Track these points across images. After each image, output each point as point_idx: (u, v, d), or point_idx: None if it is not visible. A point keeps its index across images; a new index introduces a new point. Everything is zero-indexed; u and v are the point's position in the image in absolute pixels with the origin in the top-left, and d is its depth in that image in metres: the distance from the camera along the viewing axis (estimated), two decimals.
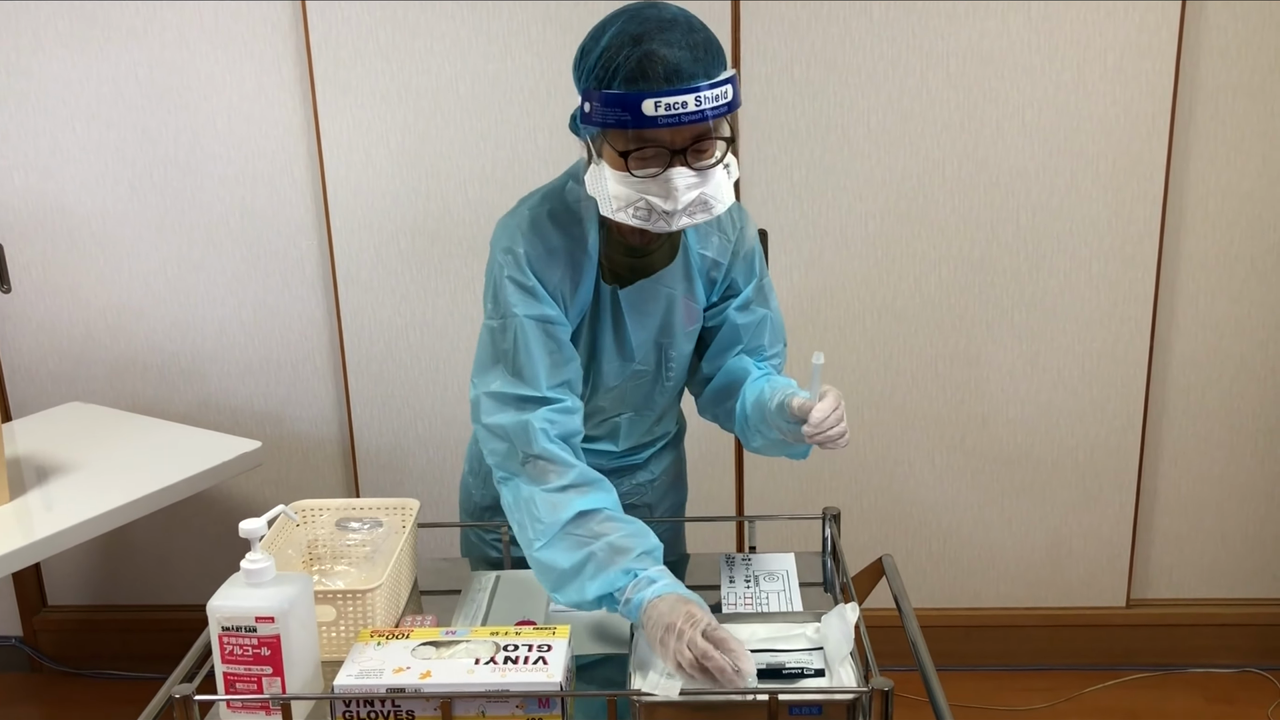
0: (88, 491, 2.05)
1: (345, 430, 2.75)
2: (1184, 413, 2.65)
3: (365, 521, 1.54)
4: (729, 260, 1.59)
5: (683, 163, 1.33)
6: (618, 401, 1.62)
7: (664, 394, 1.64)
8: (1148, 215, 2.50)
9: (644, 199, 1.35)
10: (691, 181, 1.34)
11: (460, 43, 2.46)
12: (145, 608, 2.93)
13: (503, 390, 1.45)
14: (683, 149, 1.33)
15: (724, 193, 1.39)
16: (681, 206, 1.35)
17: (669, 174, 1.33)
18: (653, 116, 1.29)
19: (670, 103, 1.28)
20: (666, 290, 1.54)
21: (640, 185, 1.35)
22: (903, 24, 2.41)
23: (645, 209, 1.36)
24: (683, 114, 1.29)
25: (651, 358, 1.58)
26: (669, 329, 1.56)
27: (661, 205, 1.35)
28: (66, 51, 2.54)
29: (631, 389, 1.61)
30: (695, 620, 1.26)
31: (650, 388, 1.62)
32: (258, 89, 2.54)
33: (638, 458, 1.72)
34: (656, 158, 1.33)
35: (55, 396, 2.74)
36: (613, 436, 1.66)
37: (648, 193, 1.35)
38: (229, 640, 1.22)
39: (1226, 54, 2.42)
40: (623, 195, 1.36)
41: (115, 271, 2.68)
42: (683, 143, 1.33)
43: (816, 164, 2.50)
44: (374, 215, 2.58)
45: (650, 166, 1.34)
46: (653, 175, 1.34)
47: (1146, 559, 2.77)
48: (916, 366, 2.62)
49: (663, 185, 1.34)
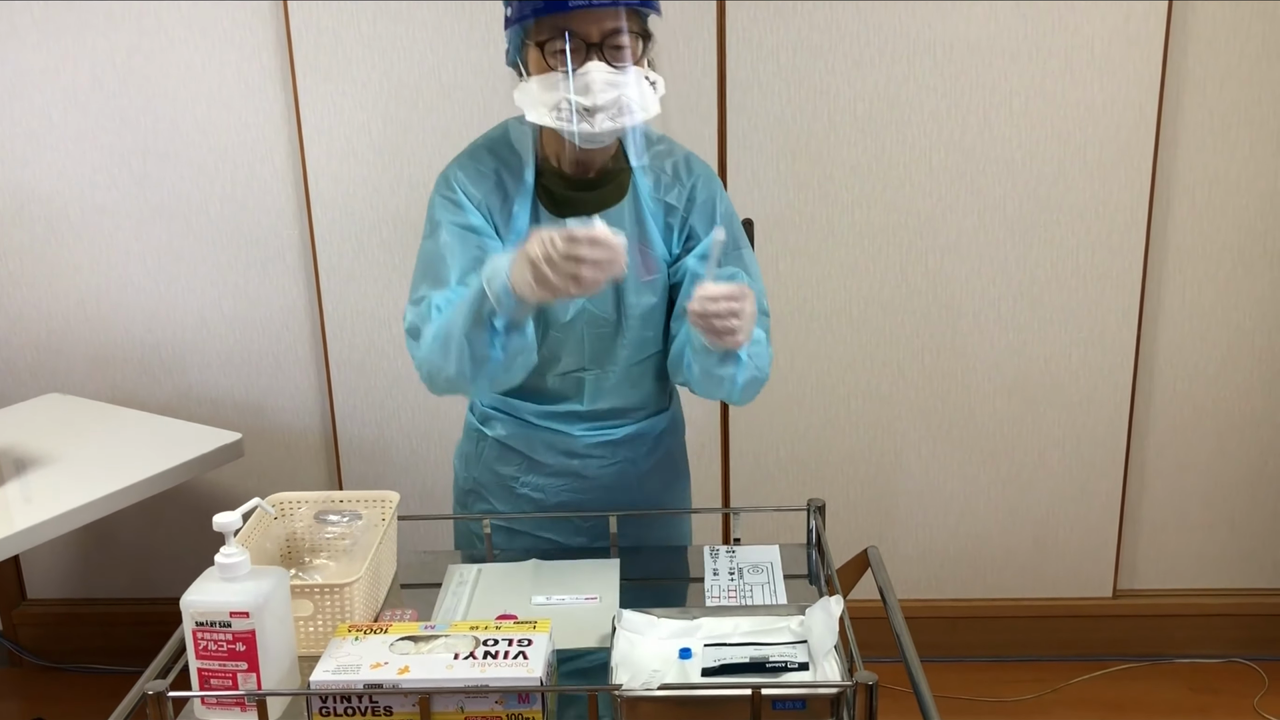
0: (67, 483, 2.03)
1: (327, 422, 2.73)
2: (1170, 402, 2.65)
3: (344, 514, 1.52)
4: (685, 207, 1.60)
5: (600, 57, 1.40)
6: (577, 351, 1.60)
7: (626, 347, 1.61)
8: (1135, 204, 2.49)
9: (565, 99, 1.40)
10: (609, 78, 1.40)
11: (442, 30, 2.43)
12: (126, 601, 2.91)
13: (425, 295, 1.50)
14: (599, 43, 1.39)
15: (645, 98, 1.43)
16: (600, 103, 1.39)
17: (586, 68, 1.39)
18: (567, 0, 1.36)
19: None
20: (615, 230, 1.53)
21: (563, 84, 1.39)
22: (889, 11, 2.39)
23: (568, 109, 1.40)
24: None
25: (610, 305, 1.58)
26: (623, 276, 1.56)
27: (582, 101, 1.39)
28: (42, 38, 2.50)
29: (591, 339, 1.60)
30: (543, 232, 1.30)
31: (611, 340, 1.60)
32: (238, 76, 2.51)
33: (613, 430, 1.69)
34: (574, 52, 1.39)
35: (34, 388, 2.71)
36: (577, 393, 1.65)
37: (569, 91, 1.39)
38: (203, 636, 1.20)
39: (1214, 43, 2.41)
40: (546, 99, 1.41)
41: (94, 261, 2.65)
42: (599, 35, 1.39)
43: (802, 152, 2.48)
44: (356, 204, 2.55)
45: (569, 60, 1.39)
46: (571, 70, 1.39)
47: (1133, 550, 2.76)
48: (902, 357, 2.61)
49: (581, 81, 1.39)
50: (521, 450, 1.70)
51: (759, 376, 1.54)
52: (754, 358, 1.51)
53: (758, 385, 1.56)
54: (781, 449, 2.68)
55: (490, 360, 1.41)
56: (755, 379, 1.53)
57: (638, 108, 1.43)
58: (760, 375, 1.54)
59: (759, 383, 1.56)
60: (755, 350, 1.51)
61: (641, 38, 1.45)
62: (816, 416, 2.66)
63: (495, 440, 1.72)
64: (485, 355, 1.41)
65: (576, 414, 1.66)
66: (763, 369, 1.54)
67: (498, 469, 1.73)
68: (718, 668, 1.26)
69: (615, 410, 1.68)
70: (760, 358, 1.54)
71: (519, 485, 1.72)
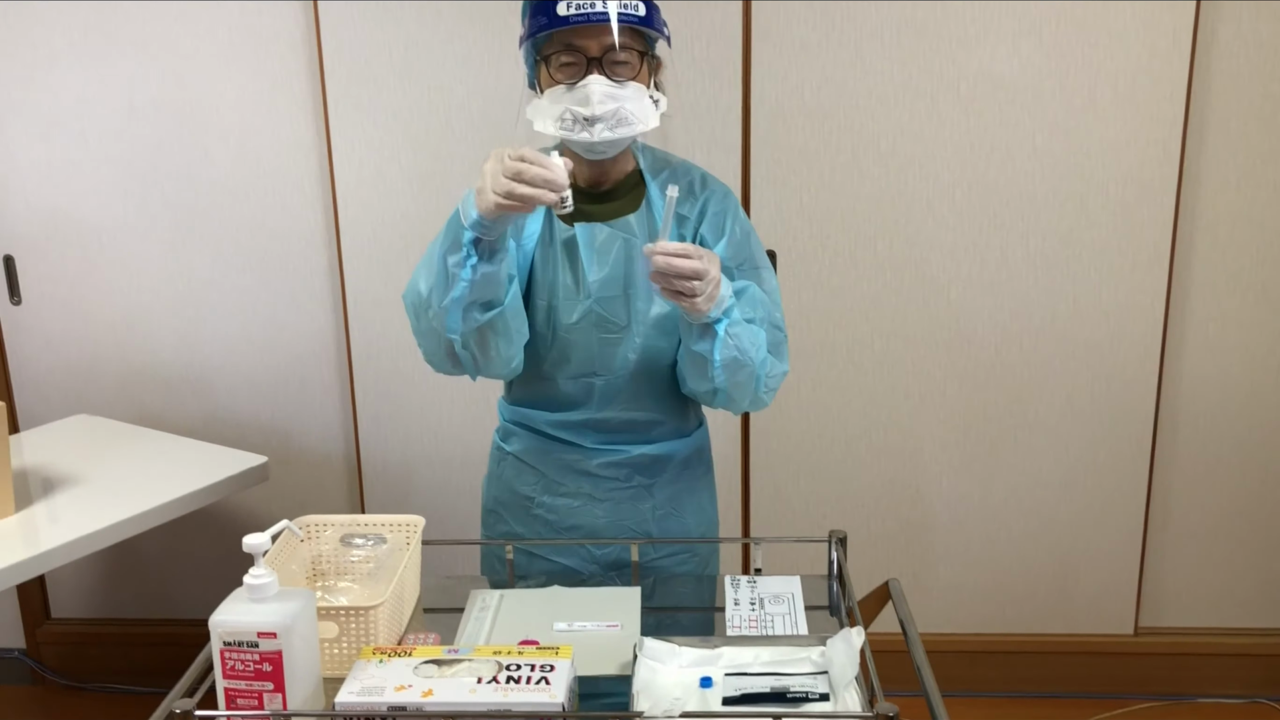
0: (93, 504, 2.05)
1: (351, 446, 2.75)
2: (1193, 438, 2.64)
3: (369, 538, 1.54)
4: (697, 219, 1.64)
5: (599, 70, 1.48)
6: (586, 354, 1.63)
7: (635, 353, 1.64)
8: (1158, 240, 2.50)
9: (568, 109, 1.49)
10: (608, 91, 1.48)
11: (472, 62, 2.47)
12: (149, 621, 2.93)
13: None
14: (599, 57, 1.48)
15: (645, 111, 1.51)
16: (600, 114, 1.47)
17: (586, 80, 1.48)
18: (564, 16, 1.46)
19: (579, 3, 1.46)
20: (625, 237, 1.61)
21: (566, 97, 1.49)
22: (914, 48, 2.42)
23: (570, 119, 1.49)
24: (590, 13, 1.45)
25: (620, 309, 1.62)
26: (631, 279, 1.61)
27: (581, 111, 1.48)
28: (80, 65, 2.55)
29: (600, 342, 1.63)
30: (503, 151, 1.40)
31: (619, 345, 1.63)
32: (270, 104, 2.55)
33: (626, 447, 1.70)
34: (576, 65, 1.49)
35: (63, 409, 2.74)
36: (587, 399, 1.67)
37: (571, 103, 1.49)
38: (230, 655, 1.22)
39: (1237, 80, 2.42)
40: (552, 110, 1.51)
41: (125, 284, 2.69)
42: (598, 50, 1.48)
43: (826, 185, 2.50)
44: (384, 231, 2.58)
45: (572, 75, 1.49)
46: (573, 82, 1.48)
47: (1155, 586, 2.75)
48: (925, 389, 2.62)
49: (581, 93, 1.48)
50: (537, 467, 1.73)
51: (741, 359, 1.53)
52: (734, 337, 1.51)
53: (744, 372, 1.55)
54: (803, 480, 2.69)
55: (459, 282, 1.47)
56: (737, 360, 1.53)
57: (636, 120, 1.50)
58: (744, 359, 1.53)
59: (745, 370, 1.55)
60: (736, 330, 1.52)
61: (644, 56, 1.53)
62: (838, 448, 2.67)
63: (514, 457, 1.75)
64: (455, 276, 1.48)
65: (588, 423, 1.68)
66: (746, 352, 1.53)
67: (516, 488, 1.75)
68: (739, 697, 1.27)
69: (628, 423, 1.69)
70: (747, 347, 1.53)
71: (534, 506, 1.74)
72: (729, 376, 1.55)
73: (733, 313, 1.51)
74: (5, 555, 1.84)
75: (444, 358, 1.59)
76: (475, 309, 1.50)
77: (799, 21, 2.42)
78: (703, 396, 1.64)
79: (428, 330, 1.57)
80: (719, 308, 1.48)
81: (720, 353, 1.52)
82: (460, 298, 1.49)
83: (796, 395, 2.63)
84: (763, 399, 1.63)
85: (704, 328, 1.51)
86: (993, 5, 2.38)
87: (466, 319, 1.51)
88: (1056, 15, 2.38)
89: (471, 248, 1.46)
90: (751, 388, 1.59)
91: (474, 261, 1.47)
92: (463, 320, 1.51)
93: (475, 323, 1.51)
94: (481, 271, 1.47)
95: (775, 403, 2.59)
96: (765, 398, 1.63)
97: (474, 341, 1.54)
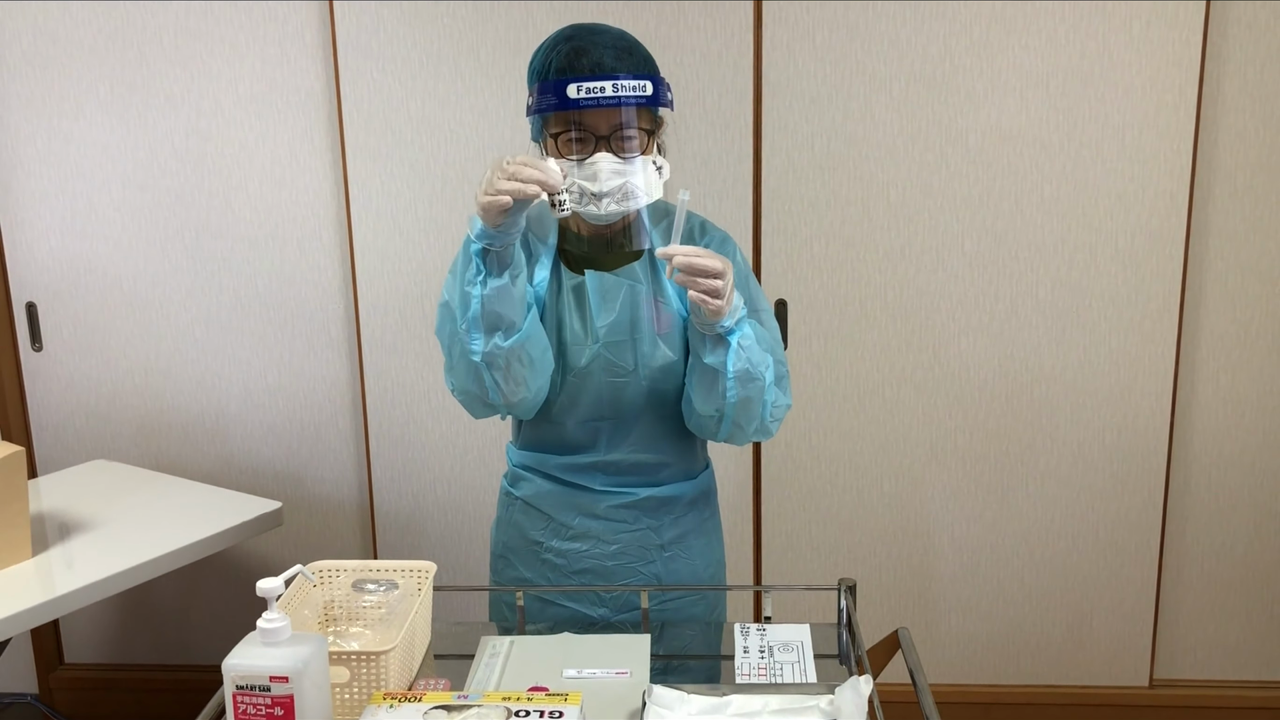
0: (109, 549, 2.07)
1: (365, 493, 2.77)
2: (1206, 490, 2.63)
3: (381, 584, 1.55)
4: None
5: (607, 149, 1.51)
6: (594, 399, 1.66)
7: (642, 398, 1.66)
8: (1167, 292, 2.51)
9: (576, 183, 1.51)
10: (615, 168, 1.51)
11: (488, 114, 2.51)
12: (161, 668, 2.93)
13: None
14: (607, 136, 1.51)
15: (650, 183, 1.54)
16: (607, 190, 1.50)
17: (595, 158, 1.51)
18: (575, 99, 1.48)
19: (590, 87, 1.48)
20: (630, 283, 1.65)
21: (574, 171, 1.51)
22: (923, 100, 2.45)
23: (578, 192, 1.51)
24: (600, 98, 1.48)
25: (628, 355, 1.64)
26: (638, 324, 1.64)
27: (590, 187, 1.51)
28: (106, 117, 2.61)
29: (608, 387, 1.65)
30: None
31: (626, 390, 1.65)
32: (290, 156, 2.60)
33: (634, 490, 1.71)
34: (584, 142, 1.51)
35: (81, 454, 2.77)
36: (594, 442, 1.69)
37: (580, 177, 1.51)
38: (243, 699, 1.23)
39: (1244, 133, 2.44)
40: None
41: (144, 332, 2.73)
42: (607, 129, 1.51)
43: (836, 236, 2.53)
44: (400, 280, 2.62)
45: (580, 151, 1.52)
46: (582, 158, 1.51)
47: (1170, 639, 2.73)
48: (935, 438, 2.62)
49: (589, 170, 1.51)
50: (546, 511, 1.74)
51: (752, 373, 1.55)
52: (746, 350, 1.54)
53: (753, 387, 1.56)
54: (814, 528, 2.69)
55: (473, 300, 1.51)
56: (749, 374, 1.55)
57: (642, 194, 1.53)
58: (755, 373, 1.55)
59: (755, 385, 1.56)
60: (748, 344, 1.54)
61: (648, 130, 1.55)
62: (849, 497, 2.67)
63: (522, 501, 1.77)
64: (469, 295, 1.51)
65: (597, 465, 1.70)
66: (756, 366, 1.55)
67: (525, 532, 1.77)
68: None
69: (636, 465, 1.71)
70: (757, 361, 1.56)
71: (543, 551, 1.75)
72: (740, 390, 1.56)
73: (744, 326, 1.55)
74: (22, 599, 1.85)
75: (476, 396, 1.61)
76: (497, 335, 1.53)
77: (809, 75, 2.46)
78: (708, 425, 1.64)
79: (459, 362, 1.59)
80: (733, 316, 1.52)
81: (734, 364, 1.54)
82: (477, 315, 1.52)
83: (807, 443, 2.64)
84: (769, 428, 1.64)
85: (717, 339, 1.53)
86: (1000, 59, 2.42)
87: (489, 343, 1.53)
88: (1064, 70, 2.41)
89: (480, 261, 1.50)
90: (758, 412, 1.60)
91: (484, 275, 1.50)
92: (485, 342, 1.54)
93: (499, 350, 1.53)
94: (493, 285, 1.50)
95: (786, 450, 2.62)
96: (771, 427, 1.65)
97: (500, 369, 1.56)
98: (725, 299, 1.49)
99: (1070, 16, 2.40)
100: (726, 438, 1.65)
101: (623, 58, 1.52)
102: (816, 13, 2.43)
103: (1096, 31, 2.40)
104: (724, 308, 1.49)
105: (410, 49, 2.49)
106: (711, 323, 1.52)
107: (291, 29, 2.53)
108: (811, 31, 2.44)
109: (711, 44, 2.45)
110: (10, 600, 1.85)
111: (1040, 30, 2.41)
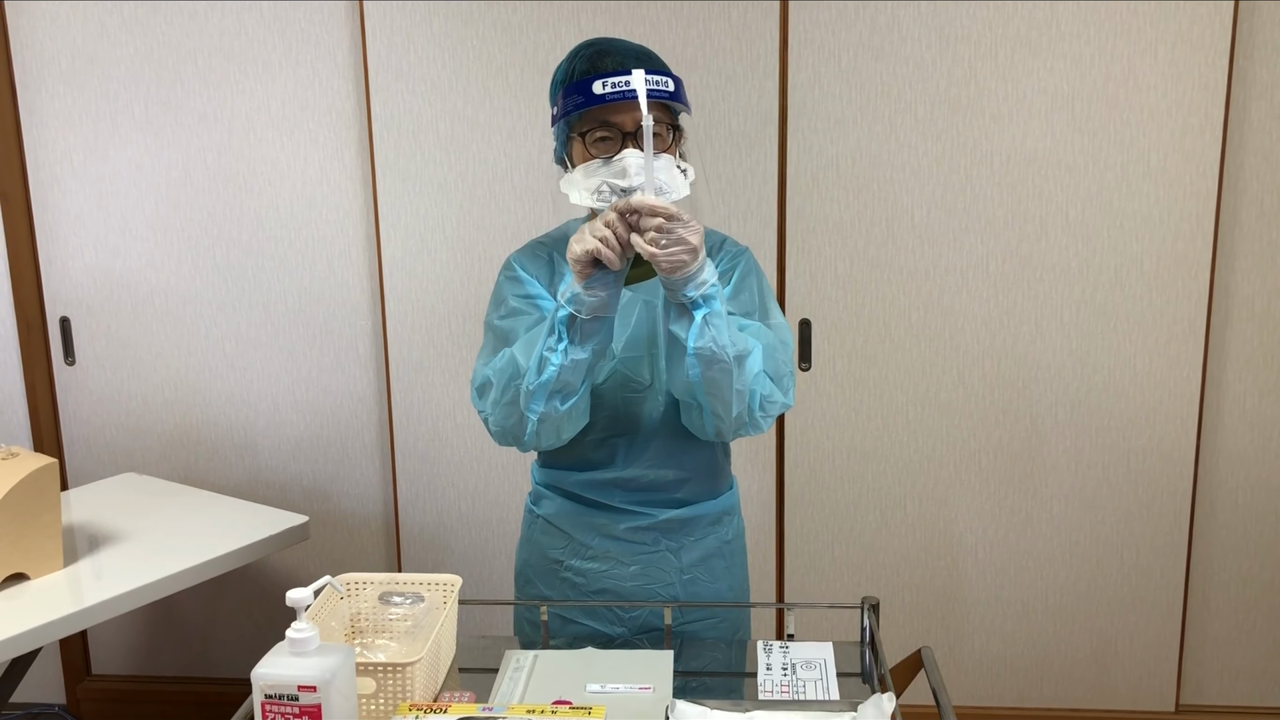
0: (137, 561, 2.09)
1: (390, 508, 2.79)
2: (1232, 513, 2.62)
3: (408, 596, 1.56)
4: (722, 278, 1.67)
5: (634, 145, 1.54)
6: (610, 414, 1.67)
7: (658, 412, 1.67)
8: (1193, 313, 2.50)
9: (604, 182, 1.54)
10: (642, 163, 1.51)
11: (516, 135, 2.54)
12: (188, 680, 2.96)
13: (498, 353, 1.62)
14: (633, 132, 1.54)
15: (676, 181, 1.55)
16: (635, 185, 1.51)
17: (622, 154, 1.54)
18: (601, 94, 1.52)
19: (615, 82, 1.52)
20: (646, 300, 1.67)
21: (602, 170, 1.54)
22: (947, 123, 2.46)
23: (607, 190, 1.54)
24: (625, 91, 1.51)
25: (645, 370, 1.66)
26: (654, 339, 1.67)
27: (619, 184, 1.53)
28: (141, 136, 2.66)
29: (625, 403, 1.67)
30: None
31: (642, 405, 1.67)
32: (321, 175, 2.63)
33: (654, 511, 1.72)
34: (611, 140, 1.55)
35: (111, 467, 2.81)
36: (611, 459, 1.71)
37: (608, 175, 1.54)
38: (271, 708, 1.24)
39: (1271, 156, 2.44)
40: (588, 184, 1.56)
41: (175, 347, 2.76)
42: (633, 125, 1.54)
43: (860, 256, 2.54)
44: (428, 298, 2.64)
45: (607, 150, 1.55)
46: (610, 156, 1.54)
47: (1196, 663, 2.71)
48: (960, 459, 2.62)
49: (617, 166, 1.53)
50: (565, 530, 1.75)
51: (717, 354, 1.51)
52: (712, 328, 1.50)
53: (718, 369, 1.52)
54: (837, 548, 2.69)
55: (549, 367, 1.52)
56: (713, 354, 1.51)
57: (669, 189, 1.54)
58: (720, 355, 1.51)
59: (720, 367, 1.52)
60: (717, 323, 1.50)
61: (673, 129, 1.60)
62: (873, 517, 2.67)
63: (543, 520, 1.78)
64: (546, 359, 1.52)
65: (616, 481, 1.72)
66: (724, 348, 1.51)
67: (545, 551, 1.78)
68: None
69: (655, 482, 1.72)
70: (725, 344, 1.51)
71: (562, 570, 1.76)
72: (703, 369, 1.52)
73: (714, 304, 1.51)
74: (52, 609, 1.88)
75: (511, 434, 1.62)
76: (557, 398, 1.55)
77: (834, 97, 2.47)
78: (692, 417, 1.62)
79: (508, 407, 1.59)
80: (698, 289, 1.49)
81: (695, 340, 1.51)
82: (549, 382, 1.53)
83: (832, 462, 2.65)
84: (758, 421, 1.61)
85: (681, 308, 1.51)
86: (1025, 82, 2.43)
87: (548, 406, 1.55)
88: (1089, 92, 2.42)
89: (564, 328, 1.51)
90: (731, 399, 1.55)
91: (565, 344, 1.52)
92: (545, 404, 1.55)
93: (555, 412, 1.56)
94: (573, 358, 1.52)
95: (810, 470, 2.63)
96: (761, 421, 1.61)
97: (550, 425, 1.58)
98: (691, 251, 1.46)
99: (1095, 39, 2.40)
100: (714, 431, 1.62)
101: (642, 59, 1.58)
102: (843, 36, 2.45)
103: (1121, 54, 2.40)
104: (684, 261, 1.46)
105: (440, 70, 2.53)
106: (675, 283, 1.48)
107: (324, 50, 2.57)
108: (837, 54, 2.46)
109: (738, 67, 2.47)
110: (43, 610, 1.87)
111: (1065, 53, 2.41)
